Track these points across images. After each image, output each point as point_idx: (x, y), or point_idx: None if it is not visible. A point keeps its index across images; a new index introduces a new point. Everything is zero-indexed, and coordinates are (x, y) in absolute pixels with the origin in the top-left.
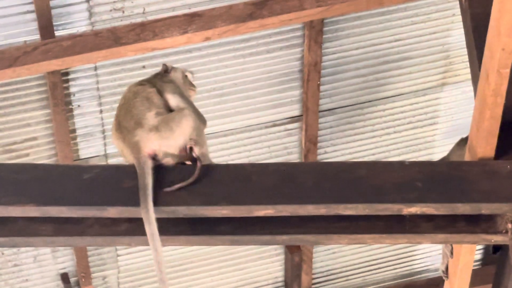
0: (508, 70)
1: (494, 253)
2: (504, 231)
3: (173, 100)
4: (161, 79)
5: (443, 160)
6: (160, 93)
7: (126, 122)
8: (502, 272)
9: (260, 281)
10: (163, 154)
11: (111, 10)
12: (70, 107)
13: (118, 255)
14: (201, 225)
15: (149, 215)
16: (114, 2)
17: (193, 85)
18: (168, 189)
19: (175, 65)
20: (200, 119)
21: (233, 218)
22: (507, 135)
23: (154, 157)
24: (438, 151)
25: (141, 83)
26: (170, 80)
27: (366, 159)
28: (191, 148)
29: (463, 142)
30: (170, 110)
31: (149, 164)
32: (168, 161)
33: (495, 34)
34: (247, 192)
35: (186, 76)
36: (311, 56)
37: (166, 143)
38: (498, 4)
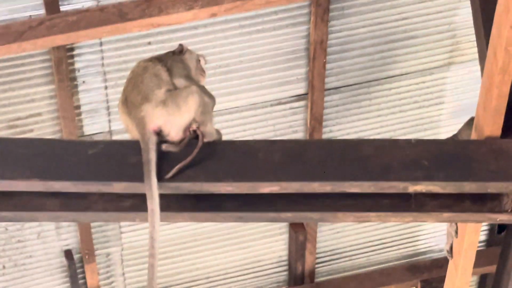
0: None
1: (499, 233)
2: (510, 210)
3: (181, 80)
4: (172, 58)
5: (451, 138)
6: (169, 71)
7: (133, 97)
8: (507, 252)
9: (264, 260)
10: (168, 130)
11: None
12: (75, 83)
13: (121, 232)
14: (205, 202)
15: (152, 190)
16: None
17: (203, 71)
18: (168, 175)
19: (190, 48)
20: (209, 97)
21: (238, 195)
22: None
23: (159, 133)
24: (444, 130)
25: (151, 59)
26: (181, 60)
27: (371, 138)
28: (195, 126)
29: (472, 121)
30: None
31: (154, 139)
32: (173, 137)
33: (504, 11)
34: (252, 168)
35: (199, 60)
36: (317, 34)
37: (171, 120)
38: None
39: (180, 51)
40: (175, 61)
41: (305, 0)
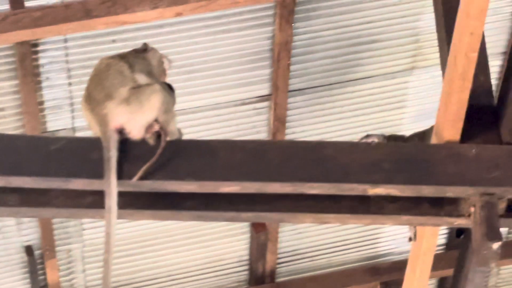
0: (475, 54)
1: (457, 236)
2: (467, 215)
3: (143, 77)
4: (136, 56)
5: (412, 137)
6: (132, 68)
7: (96, 94)
8: (464, 256)
9: (225, 259)
10: (130, 128)
11: None
12: (39, 78)
13: (83, 229)
14: (166, 200)
15: (111, 187)
16: None
17: (165, 72)
18: (132, 181)
19: (155, 47)
20: (171, 95)
21: (199, 194)
22: (473, 119)
23: (121, 131)
24: (405, 134)
25: (113, 57)
26: (144, 58)
27: (333, 140)
28: (158, 125)
29: None
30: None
31: (115, 137)
32: (135, 135)
33: (464, 18)
34: (214, 168)
35: (162, 61)
36: (282, 36)
37: (134, 118)
38: None
39: (144, 49)
40: (138, 58)
41: (271, 1)
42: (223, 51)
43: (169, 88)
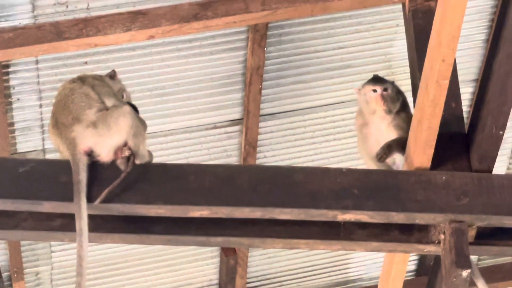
0: (447, 82)
1: None
2: (437, 242)
3: (111, 99)
4: (96, 78)
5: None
6: (96, 91)
7: (63, 118)
8: (434, 282)
9: (195, 283)
10: (99, 151)
11: (54, 4)
12: (9, 100)
13: (52, 251)
14: (136, 224)
15: (81, 210)
16: None
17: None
18: (97, 201)
19: (119, 77)
20: (139, 120)
21: (169, 218)
22: (443, 146)
23: (90, 154)
24: None
25: (74, 81)
26: (104, 81)
27: (305, 165)
28: (127, 149)
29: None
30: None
31: (84, 160)
32: (104, 158)
33: (436, 45)
34: (184, 192)
35: (122, 93)
36: (254, 60)
37: (102, 140)
38: (439, 16)
39: (111, 76)
40: (100, 81)
41: (243, 25)
42: (195, 75)
43: (134, 109)
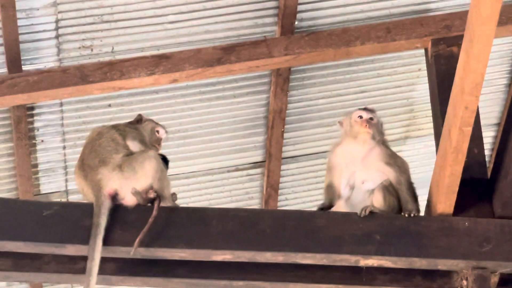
0: (470, 128)
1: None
2: (460, 287)
3: (136, 144)
4: (127, 125)
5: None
6: (123, 136)
7: (90, 160)
8: None
9: None
10: (124, 194)
11: (79, 48)
12: (34, 141)
13: None
14: (158, 267)
15: (94, 252)
16: (83, 40)
17: (158, 142)
18: (132, 251)
19: (150, 118)
20: (163, 163)
21: (191, 262)
22: (466, 192)
23: (114, 196)
24: None
25: (105, 126)
26: (136, 127)
27: None
28: (152, 190)
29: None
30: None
31: (107, 204)
32: (128, 201)
33: (459, 92)
34: (206, 236)
35: (157, 131)
36: (277, 103)
37: (127, 183)
38: (463, 63)
39: (138, 120)
40: (130, 128)
41: (266, 69)
42: (218, 118)
43: (163, 159)
